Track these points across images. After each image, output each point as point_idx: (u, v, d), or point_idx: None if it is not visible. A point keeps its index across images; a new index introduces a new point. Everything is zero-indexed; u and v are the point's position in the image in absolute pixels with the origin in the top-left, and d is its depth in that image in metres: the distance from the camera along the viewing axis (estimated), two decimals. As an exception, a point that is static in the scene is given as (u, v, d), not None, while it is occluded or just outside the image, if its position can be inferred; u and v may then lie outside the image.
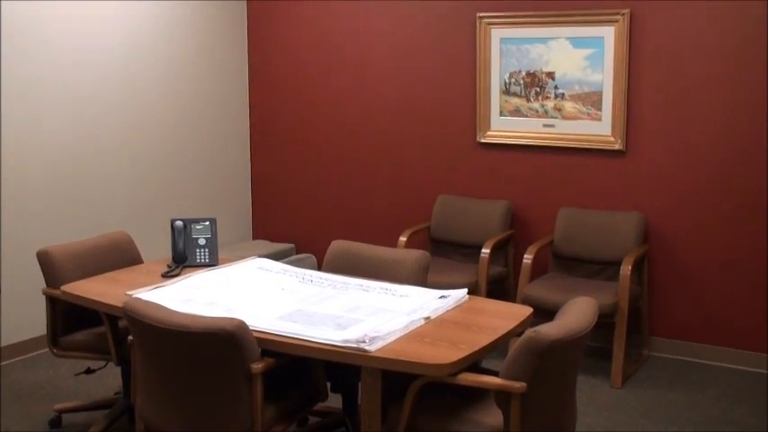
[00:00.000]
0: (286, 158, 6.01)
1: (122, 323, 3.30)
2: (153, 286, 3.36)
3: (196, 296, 3.23)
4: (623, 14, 4.72)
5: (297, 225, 6.03)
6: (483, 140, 5.26)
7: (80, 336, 3.67)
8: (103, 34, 5.06)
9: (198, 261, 3.71)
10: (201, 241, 3.72)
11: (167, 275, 3.56)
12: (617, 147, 4.86)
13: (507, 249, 5.14)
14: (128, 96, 5.24)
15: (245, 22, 6.01)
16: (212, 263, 3.72)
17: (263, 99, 6.02)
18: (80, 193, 5.00)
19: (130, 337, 2.95)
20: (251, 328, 2.76)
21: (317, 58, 5.78)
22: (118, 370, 3.87)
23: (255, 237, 6.24)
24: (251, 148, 6.14)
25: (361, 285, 3.33)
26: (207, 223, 3.76)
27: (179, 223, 3.72)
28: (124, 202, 5.27)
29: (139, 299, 2.99)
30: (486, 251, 4.80)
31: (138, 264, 3.84)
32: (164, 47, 5.43)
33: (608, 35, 4.79)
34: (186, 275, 3.53)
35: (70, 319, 3.65)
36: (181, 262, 3.69)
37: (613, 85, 4.82)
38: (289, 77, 5.90)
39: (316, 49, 5.78)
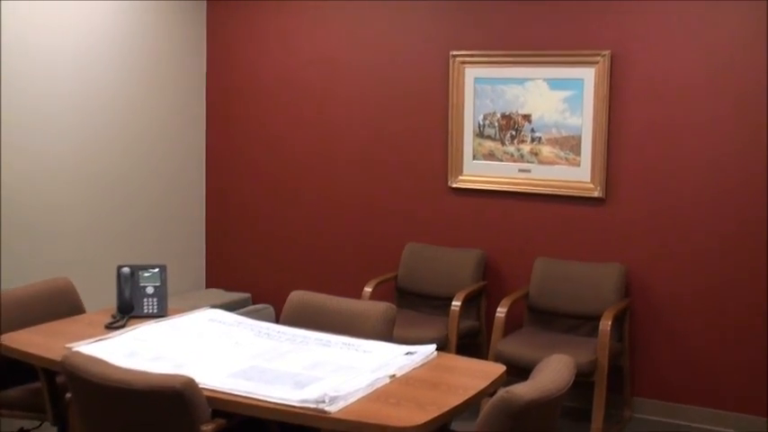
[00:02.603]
0: (243, 201, 6.00)
1: (60, 379, 3.24)
2: (95, 339, 3.31)
3: (142, 350, 3.19)
4: (604, 55, 4.79)
5: (254, 273, 5.99)
6: (455, 185, 5.29)
7: (13, 392, 3.60)
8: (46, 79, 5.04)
9: (145, 311, 3.67)
10: (150, 290, 3.68)
11: (111, 327, 3.51)
12: (596, 194, 4.90)
13: (479, 302, 5.13)
14: (74, 132, 5.20)
15: (204, 55, 6.03)
16: (161, 313, 3.68)
17: (220, 137, 6.04)
18: (19, 234, 4.92)
19: (69, 395, 2.90)
20: (201, 385, 2.73)
21: (278, 94, 5.81)
22: (54, 430, 3.79)
23: (209, 285, 6.20)
24: (206, 190, 6.13)
25: (322, 340, 3.31)
26: (156, 270, 3.73)
27: (125, 270, 3.69)
28: (67, 245, 5.20)
29: (80, 352, 2.95)
30: (456, 304, 4.79)
31: (80, 313, 3.79)
32: (117, 88, 5.41)
33: (587, 77, 4.85)
34: (132, 327, 3.49)
35: (3, 374, 3.57)
36: (126, 312, 3.65)
37: (593, 129, 4.87)
38: (248, 115, 5.93)
39: (277, 84, 5.81)
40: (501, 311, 4.67)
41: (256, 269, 6.00)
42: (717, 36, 4.60)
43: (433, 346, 3.23)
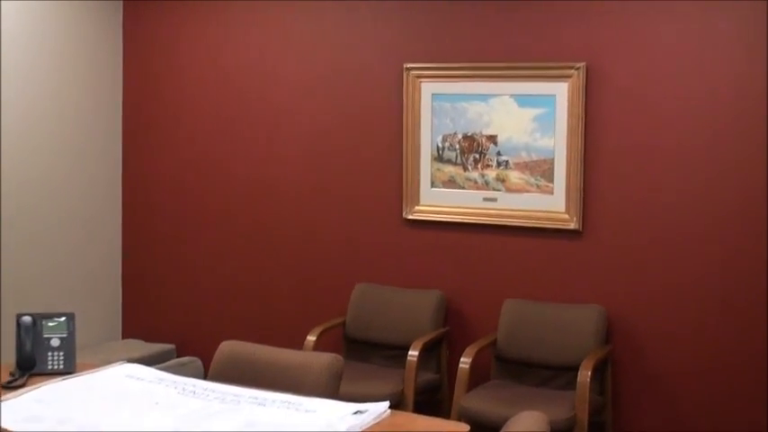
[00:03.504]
0: (166, 236, 5.96)
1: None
2: (-11, 400, 3.24)
3: (46, 413, 3.13)
4: (578, 68, 4.83)
5: (178, 321, 5.97)
6: (410, 217, 5.30)
7: None
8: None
9: (50, 367, 3.61)
10: (55, 342, 3.63)
11: (8, 386, 3.45)
12: (572, 226, 4.92)
13: (440, 351, 5.13)
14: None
15: (120, 68, 6.02)
16: (68, 370, 3.62)
17: (139, 160, 6.04)
18: None
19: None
20: (115, 454, 2.68)
21: (206, 110, 5.82)
22: None
23: (126, 335, 6.16)
24: (122, 223, 6.09)
25: (257, 398, 3.28)
26: (62, 319, 3.68)
27: (26, 319, 3.63)
28: (-43, 291, 5.12)
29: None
30: (413, 354, 4.78)
31: (-28, 371, 3.72)
32: (12, 101, 5.36)
33: (560, 92, 4.89)
34: (34, 386, 3.43)
35: None
36: (27, 369, 3.59)
37: (567, 152, 4.90)
38: (171, 136, 5.94)
39: (204, 99, 5.81)
40: (465, 362, 4.67)
41: (181, 316, 5.97)
42: (708, 45, 4.64)
43: (387, 404, 3.22)
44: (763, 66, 4.51)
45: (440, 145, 5.20)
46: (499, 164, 5.07)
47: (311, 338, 5.02)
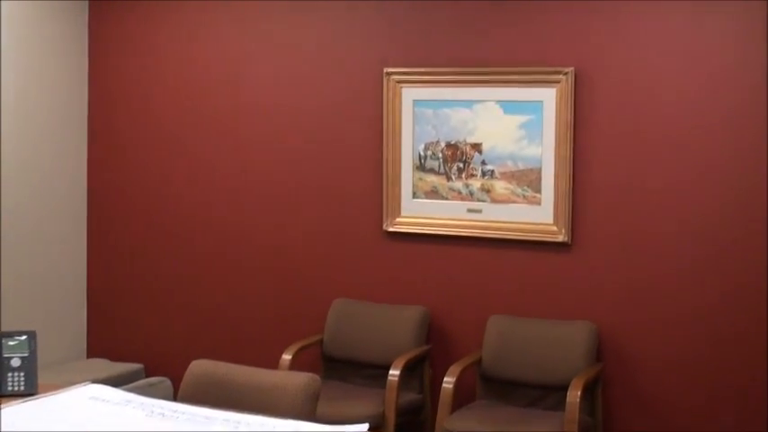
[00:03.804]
0: (133, 251, 5.94)
1: None
2: (-55, 425, 3.22)
3: (5, 438, 3.11)
4: (566, 73, 4.84)
5: (146, 339, 5.94)
6: (391, 229, 5.29)
7: None
8: None
9: (10, 389, 3.59)
10: (15, 362, 3.61)
11: (-34, 409, 3.42)
12: (561, 238, 4.93)
13: (423, 370, 5.13)
14: None
15: (86, 72, 6.00)
16: (29, 391, 3.60)
17: (104, 170, 6.02)
18: None
19: None
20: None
21: (173, 117, 5.82)
22: None
23: (91, 355, 6.12)
24: (87, 236, 6.08)
25: (230, 421, 3.27)
26: (23, 338, 3.65)
27: (-15, 338, 3.61)
28: None
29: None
30: (394, 373, 4.78)
31: (-74, 393, 3.69)
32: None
33: (548, 98, 4.89)
34: (-8, 409, 3.40)
35: None
36: (-14, 390, 3.56)
37: (555, 161, 4.90)
38: (137, 144, 5.93)
39: (172, 105, 5.82)
40: (448, 381, 4.66)
41: (149, 334, 5.95)
42: (704, 48, 4.65)
43: (366, 426, 3.21)
44: (762, 68, 4.52)
45: (422, 153, 5.20)
46: (484, 173, 5.07)
47: (287, 357, 5.00)
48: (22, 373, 3.61)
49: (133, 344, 5.96)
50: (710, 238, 4.68)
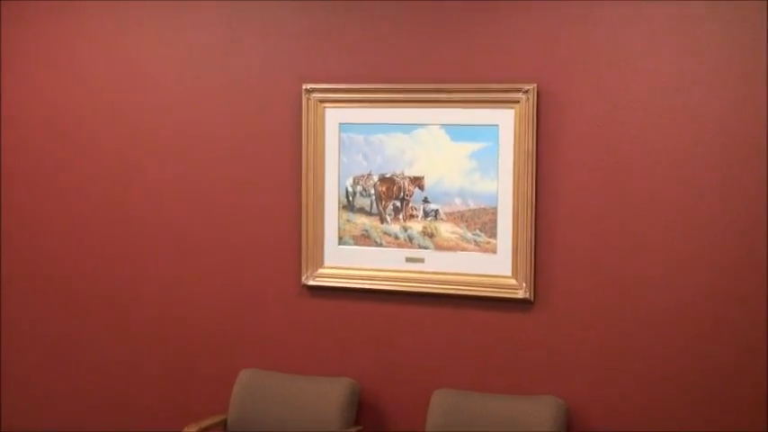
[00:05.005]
0: (11, 304, 5.62)
1: None
2: None
3: None
4: (527, 91, 4.61)
5: (25, 415, 5.63)
6: (312, 283, 5.07)
7: None
8: None
9: None
10: None
11: None
12: (521, 294, 4.70)
13: (352, 459, 4.81)
14: None
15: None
16: None
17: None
18: None
19: None
20: None
21: (55, 139, 5.45)
22: None
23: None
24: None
25: None
26: None
27: None
28: None
29: None
30: (316, 464, 4.45)
31: None
32: None
33: (505, 122, 4.67)
34: None
35: None
36: None
37: (514, 199, 4.69)
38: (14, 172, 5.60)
39: (51, 124, 5.45)
40: (383, 474, 4.32)
41: (16, 413, 5.66)
42: (688, 60, 4.44)
43: None
44: (762, 80, 4.29)
45: (350, 189, 4.97)
46: (426, 214, 4.83)
47: (184, 440, 4.75)
48: None
49: (6, 418, 5.68)
50: (698, 291, 4.46)
